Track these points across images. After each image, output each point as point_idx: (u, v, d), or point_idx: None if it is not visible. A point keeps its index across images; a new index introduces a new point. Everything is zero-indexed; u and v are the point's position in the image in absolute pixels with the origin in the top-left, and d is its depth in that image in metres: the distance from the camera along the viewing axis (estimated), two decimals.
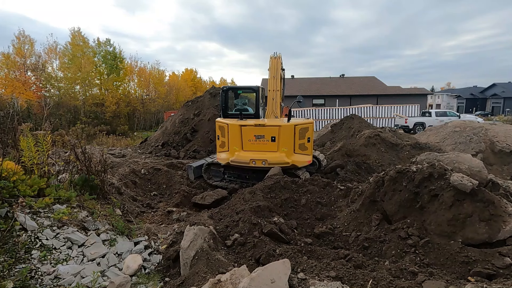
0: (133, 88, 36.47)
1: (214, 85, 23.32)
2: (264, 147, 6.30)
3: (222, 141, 6.72)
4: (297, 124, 6.28)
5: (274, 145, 6.28)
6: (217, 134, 6.87)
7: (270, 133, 6.26)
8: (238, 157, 6.25)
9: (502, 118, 29.92)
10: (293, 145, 6.26)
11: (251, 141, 6.29)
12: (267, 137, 6.27)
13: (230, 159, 6.34)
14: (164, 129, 13.76)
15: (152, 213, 5.59)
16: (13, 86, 23.50)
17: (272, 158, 6.15)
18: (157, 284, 3.01)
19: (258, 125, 6.27)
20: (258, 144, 6.29)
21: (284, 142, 6.23)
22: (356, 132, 11.12)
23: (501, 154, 9.45)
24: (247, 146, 6.30)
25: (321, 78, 39.57)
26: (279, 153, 6.25)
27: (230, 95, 8.21)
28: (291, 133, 6.21)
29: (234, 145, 6.33)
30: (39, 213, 3.28)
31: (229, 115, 7.48)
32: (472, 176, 3.25)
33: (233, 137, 6.34)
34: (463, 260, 2.68)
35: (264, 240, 3.13)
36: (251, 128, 6.27)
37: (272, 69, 8.02)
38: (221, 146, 6.76)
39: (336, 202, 4.35)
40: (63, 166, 4.80)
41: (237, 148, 6.33)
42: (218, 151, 6.94)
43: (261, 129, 6.27)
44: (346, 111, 23.64)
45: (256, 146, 6.30)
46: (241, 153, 6.31)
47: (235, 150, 6.33)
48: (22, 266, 2.66)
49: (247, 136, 6.26)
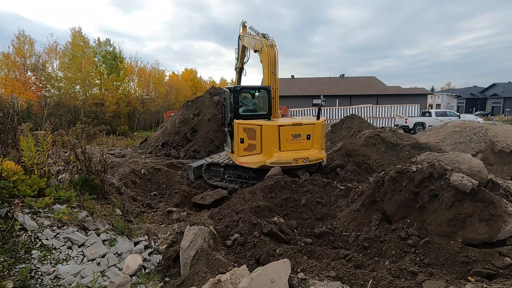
0: (133, 88, 36.48)
1: (214, 85, 23.30)
2: (300, 145, 6.43)
3: (250, 144, 6.43)
4: (323, 122, 6.70)
5: (309, 142, 6.50)
6: (241, 137, 6.49)
7: (306, 131, 6.45)
8: (280, 158, 6.16)
9: (502, 118, 29.92)
10: (322, 142, 6.78)
11: (288, 141, 6.32)
12: (303, 135, 6.43)
13: (268, 161, 6.14)
14: (164, 129, 13.76)
15: (152, 213, 5.59)
16: (13, 86, 23.49)
17: (311, 155, 6.38)
18: (157, 284, 3.01)
19: (296, 124, 6.38)
20: (295, 143, 6.39)
21: (317, 139, 6.56)
22: (356, 132, 11.11)
23: (501, 154, 9.45)
24: (284, 146, 6.30)
25: (321, 78, 39.56)
26: (314, 150, 6.50)
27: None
28: (322, 130, 6.67)
29: (271, 146, 6.22)
30: (39, 213, 3.28)
31: (241, 116, 7.00)
32: (472, 176, 3.25)
33: (270, 138, 6.23)
34: (463, 260, 2.68)
35: (264, 240, 3.13)
36: (289, 128, 6.31)
37: (271, 62, 7.22)
38: (248, 149, 6.47)
39: (336, 202, 4.35)
40: (63, 166, 4.80)
41: (275, 149, 6.22)
42: (242, 155, 6.53)
43: (298, 128, 6.39)
44: (346, 111, 23.64)
45: (293, 145, 6.38)
46: (281, 153, 6.25)
47: (273, 151, 6.21)
48: (22, 266, 2.65)
49: (284, 136, 6.27)
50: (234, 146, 6.93)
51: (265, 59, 7.33)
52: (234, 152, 6.99)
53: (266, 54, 7.25)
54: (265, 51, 7.30)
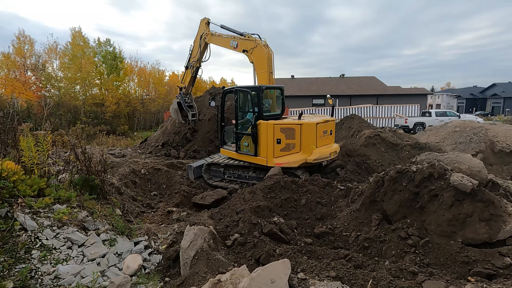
0: (133, 88, 36.48)
1: (214, 85, 23.30)
2: (327, 140, 7.08)
3: (287, 144, 6.46)
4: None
5: (332, 137, 7.37)
6: (277, 138, 6.40)
7: (330, 128, 7.16)
8: (320, 154, 6.49)
9: (502, 118, 29.93)
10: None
11: (321, 137, 6.76)
12: (329, 131, 7.10)
13: (310, 158, 6.38)
14: (164, 129, 13.75)
15: (152, 213, 5.59)
16: (13, 86, 23.50)
17: (336, 149, 7.20)
18: (157, 284, 3.02)
19: (326, 121, 6.92)
20: (324, 139, 6.94)
21: (334, 134, 7.42)
22: (356, 132, 11.12)
23: (501, 154, 9.45)
24: (319, 142, 6.71)
25: (321, 78, 39.55)
26: (334, 144, 7.40)
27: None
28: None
29: (311, 143, 6.48)
30: (39, 213, 3.28)
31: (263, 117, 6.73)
32: (472, 176, 3.25)
33: (309, 136, 6.48)
34: (463, 260, 2.68)
35: (264, 240, 3.13)
36: (322, 125, 6.77)
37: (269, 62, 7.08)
38: (285, 149, 6.48)
39: (336, 202, 4.35)
40: (63, 166, 4.80)
41: (313, 146, 6.50)
42: (278, 155, 6.45)
43: (327, 124, 6.95)
44: (346, 111, 23.65)
45: (324, 140, 6.90)
46: (319, 149, 6.61)
47: (312, 148, 6.48)
48: (22, 266, 2.66)
49: (319, 133, 6.68)
50: (260, 148, 6.60)
51: (261, 59, 7.19)
52: (258, 155, 6.62)
53: (263, 54, 7.13)
54: (260, 51, 7.19)
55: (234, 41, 7.87)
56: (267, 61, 7.14)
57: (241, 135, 7.00)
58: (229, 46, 8.03)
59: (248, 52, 7.44)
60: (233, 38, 7.93)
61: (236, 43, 7.82)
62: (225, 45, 8.20)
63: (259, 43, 7.24)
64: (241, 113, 7.23)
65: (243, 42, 7.61)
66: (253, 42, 7.34)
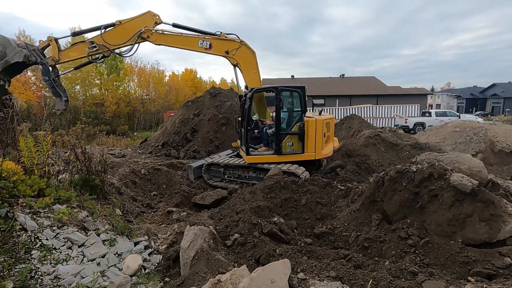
0: (133, 88, 36.49)
1: (214, 85, 23.29)
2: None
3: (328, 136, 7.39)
4: None
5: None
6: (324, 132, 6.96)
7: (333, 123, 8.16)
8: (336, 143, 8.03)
9: (502, 118, 29.94)
10: None
11: None
12: None
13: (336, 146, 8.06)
14: (164, 129, 13.76)
15: (152, 213, 5.59)
16: (13, 86, 23.48)
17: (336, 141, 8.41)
18: (157, 284, 3.01)
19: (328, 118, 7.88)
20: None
21: None
22: (356, 132, 11.13)
23: (501, 154, 9.45)
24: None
25: (321, 78, 39.57)
26: None
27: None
28: None
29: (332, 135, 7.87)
30: (39, 213, 3.27)
31: None
32: (472, 176, 3.25)
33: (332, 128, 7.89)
34: (463, 260, 2.68)
35: (264, 240, 3.13)
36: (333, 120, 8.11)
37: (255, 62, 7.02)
38: (327, 141, 7.32)
39: (336, 202, 4.35)
40: (63, 166, 4.80)
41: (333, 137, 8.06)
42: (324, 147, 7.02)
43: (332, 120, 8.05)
44: (346, 111, 23.66)
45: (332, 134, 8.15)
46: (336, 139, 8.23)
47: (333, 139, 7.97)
48: (22, 266, 2.65)
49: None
50: (308, 144, 6.75)
51: (249, 60, 6.95)
52: (306, 151, 6.77)
53: (250, 54, 6.96)
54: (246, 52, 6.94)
55: (205, 41, 6.91)
56: (255, 61, 6.97)
57: (285, 135, 6.78)
58: (196, 47, 6.94)
59: (230, 53, 6.91)
60: (203, 38, 6.92)
61: (208, 44, 6.90)
62: (189, 46, 7.02)
63: (244, 43, 6.88)
64: (285, 113, 7.08)
65: (223, 43, 6.92)
66: (237, 43, 6.87)
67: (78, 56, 7.44)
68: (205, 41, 6.92)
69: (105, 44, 6.95)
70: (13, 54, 6.42)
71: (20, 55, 6.44)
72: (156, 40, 6.97)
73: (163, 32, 6.94)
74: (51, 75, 7.17)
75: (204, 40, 6.92)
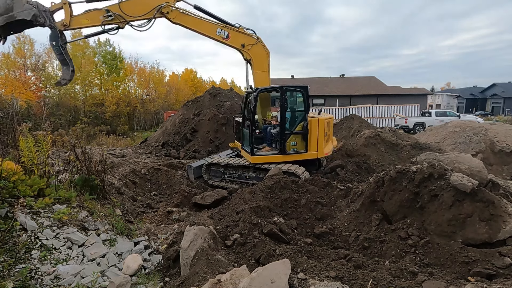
0: (133, 88, 36.46)
1: (214, 85, 23.29)
2: None
3: (328, 135, 7.57)
4: None
5: None
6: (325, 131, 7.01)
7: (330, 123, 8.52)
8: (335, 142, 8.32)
9: (502, 118, 29.93)
10: None
11: None
12: None
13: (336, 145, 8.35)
14: (164, 129, 13.77)
15: (152, 213, 5.59)
16: (13, 86, 23.50)
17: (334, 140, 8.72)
18: (157, 284, 3.01)
19: None
20: None
21: None
22: (356, 132, 11.13)
23: (501, 154, 9.45)
24: None
25: (321, 78, 39.55)
26: None
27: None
28: None
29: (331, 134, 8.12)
30: (39, 213, 3.27)
31: None
32: (472, 176, 3.25)
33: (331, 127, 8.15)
34: (463, 260, 2.68)
35: (264, 240, 3.13)
36: None
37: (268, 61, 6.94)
38: (327, 140, 7.45)
39: (336, 202, 4.35)
40: (63, 166, 4.80)
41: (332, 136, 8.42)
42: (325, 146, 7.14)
43: None
44: (346, 111, 23.65)
45: None
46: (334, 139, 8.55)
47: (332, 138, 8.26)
48: (22, 266, 2.65)
49: None
50: (310, 143, 6.80)
51: (261, 58, 6.99)
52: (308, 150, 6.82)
53: (264, 52, 6.99)
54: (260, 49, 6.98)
55: (223, 30, 6.84)
56: (268, 61, 6.99)
57: (289, 135, 6.79)
58: (213, 35, 6.83)
59: (245, 47, 6.93)
60: (222, 27, 6.86)
61: (226, 34, 6.84)
62: (206, 31, 6.85)
63: (261, 41, 6.91)
64: (289, 113, 7.01)
65: (241, 36, 6.90)
66: (254, 39, 6.91)
67: (91, 24, 6.85)
68: (224, 30, 6.86)
69: (122, 15, 6.59)
70: (20, 10, 6.04)
71: (28, 13, 6.08)
72: (175, 18, 6.75)
73: (184, 12, 6.76)
74: (59, 41, 6.66)
75: (223, 29, 6.86)
